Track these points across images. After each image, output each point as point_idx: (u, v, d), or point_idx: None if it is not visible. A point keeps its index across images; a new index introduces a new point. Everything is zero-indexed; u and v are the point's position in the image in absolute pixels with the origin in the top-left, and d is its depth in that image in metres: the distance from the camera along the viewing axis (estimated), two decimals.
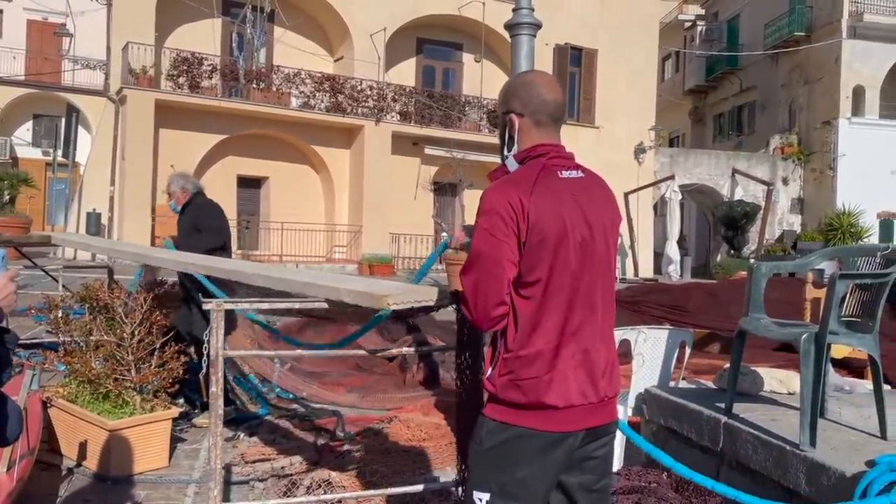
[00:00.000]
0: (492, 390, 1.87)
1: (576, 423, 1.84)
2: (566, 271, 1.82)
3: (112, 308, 4.17)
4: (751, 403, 3.62)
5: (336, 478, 3.75)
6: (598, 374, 1.87)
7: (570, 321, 1.84)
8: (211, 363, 2.47)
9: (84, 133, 19.39)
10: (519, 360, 1.83)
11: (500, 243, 1.79)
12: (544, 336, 1.82)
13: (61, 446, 4.24)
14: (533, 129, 1.94)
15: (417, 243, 21.01)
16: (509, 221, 1.79)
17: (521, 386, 1.82)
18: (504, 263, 1.80)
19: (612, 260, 1.94)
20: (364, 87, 20.49)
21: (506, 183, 1.87)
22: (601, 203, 1.93)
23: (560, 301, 1.82)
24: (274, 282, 2.64)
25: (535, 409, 1.81)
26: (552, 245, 1.80)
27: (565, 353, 1.83)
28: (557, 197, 1.84)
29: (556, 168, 1.89)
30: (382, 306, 2.25)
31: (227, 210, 19.86)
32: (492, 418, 1.87)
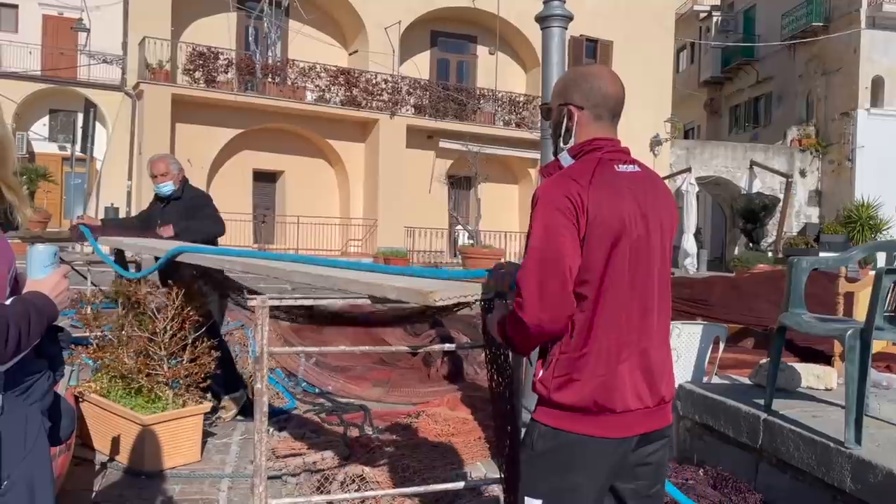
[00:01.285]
0: (544, 393, 1.82)
1: (631, 429, 1.80)
2: (623, 268, 1.77)
3: (143, 303, 4.17)
4: (789, 400, 3.58)
5: (369, 473, 3.74)
6: (654, 376, 1.83)
7: (627, 321, 1.79)
8: (256, 358, 2.46)
9: (101, 128, 19.48)
10: (575, 361, 1.78)
11: (563, 239, 1.74)
12: (601, 336, 1.77)
13: (94, 441, 4.25)
14: (592, 124, 1.89)
15: (432, 237, 21.01)
16: (569, 216, 1.74)
17: (577, 388, 1.77)
18: (568, 261, 1.74)
19: (668, 259, 1.89)
20: (379, 81, 20.48)
21: (562, 177, 1.82)
22: (658, 199, 1.88)
23: (617, 299, 1.77)
24: (314, 278, 2.62)
25: (589, 413, 1.77)
26: (610, 240, 1.76)
27: (622, 354, 1.78)
28: (615, 191, 1.79)
29: (613, 162, 1.84)
30: (429, 302, 2.23)
31: (243, 204, 19.86)
32: (543, 423, 1.83)
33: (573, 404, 1.78)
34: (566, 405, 1.78)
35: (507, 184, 23.17)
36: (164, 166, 4.95)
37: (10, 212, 1.47)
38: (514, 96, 22.61)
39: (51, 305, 1.48)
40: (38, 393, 1.49)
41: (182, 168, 5.04)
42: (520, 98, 22.72)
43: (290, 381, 5.78)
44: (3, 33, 22.04)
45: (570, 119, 1.91)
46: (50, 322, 1.48)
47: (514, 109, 22.48)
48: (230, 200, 19.44)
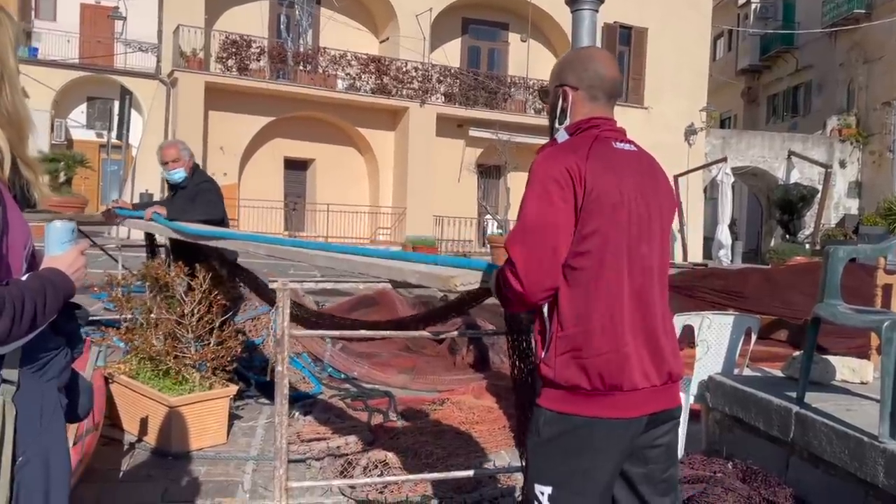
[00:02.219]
0: (549, 374, 1.77)
1: (639, 408, 1.75)
2: (623, 241, 1.74)
3: (171, 286, 4.21)
4: (822, 393, 3.48)
5: (392, 459, 3.74)
6: (660, 353, 1.79)
7: (629, 294, 1.75)
8: (276, 342, 2.46)
9: (136, 115, 19.75)
10: (576, 337, 1.73)
11: (557, 209, 1.71)
12: (602, 310, 1.73)
13: (122, 422, 4.31)
14: (587, 104, 1.87)
15: (461, 226, 20.97)
16: (566, 186, 1.71)
17: (583, 364, 1.72)
18: (560, 230, 1.71)
19: (666, 242, 1.87)
20: (409, 69, 20.44)
21: (559, 149, 1.80)
22: (656, 181, 1.87)
23: (617, 272, 1.74)
24: (337, 262, 2.61)
25: (596, 393, 1.73)
26: (608, 212, 1.72)
27: (626, 329, 1.74)
28: (613, 165, 1.77)
29: (610, 139, 1.82)
30: (450, 287, 2.20)
31: (275, 192, 20.01)
32: (548, 408, 1.79)
33: (579, 384, 1.73)
34: (572, 385, 1.74)
35: None
36: (174, 152, 4.81)
37: (27, 189, 1.46)
38: (545, 84, 22.37)
39: (67, 281, 1.48)
40: (55, 370, 1.49)
41: (193, 155, 4.90)
42: None
43: (316, 366, 5.81)
44: (43, 21, 22.46)
45: (564, 99, 1.90)
46: (66, 298, 1.48)
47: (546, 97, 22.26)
48: (261, 188, 19.65)
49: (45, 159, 16.23)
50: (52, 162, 16.34)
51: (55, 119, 20.82)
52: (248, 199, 18.89)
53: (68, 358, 1.54)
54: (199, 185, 4.79)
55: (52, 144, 19.83)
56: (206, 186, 4.83)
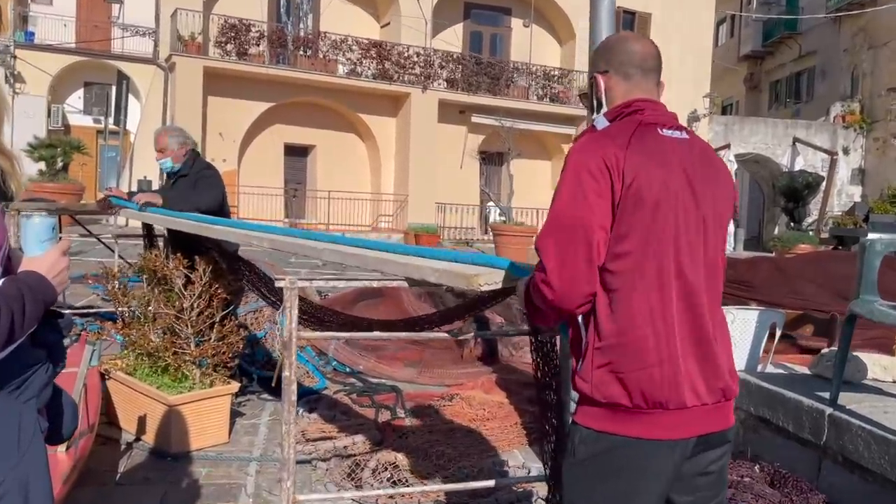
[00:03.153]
0: (585, 389, 1.59)
1: (686, 429, 1.56)
2: (666, 241, 1.54)
3: (170, 280, 4.02)
4: (855, 393, 3.31)
5: (402, 460, 3.57)
6: (713, 367, 1.59)
7: (678, 300, 1.55)
8: (283, 346, 2.28)
9: (134, 101, 19.48)
10: (615, 348, 1.54)
11: (591, 205, 1.52)
12: (645, 317, 1.53)
13: (119, 419, 4.15)
14: (622, 84, 1.68)
15: (463, 213, 20.77)
16: (601, 179, 1.52)
17: (623, 378, 1.53)
18: (596, 229, 1.52)
19: (720, 239, 1.65)
20: (411, 54, 20.16)
21: (597, 137, 1.60)
22: (711, 172, 1.64)
23: (662, 276, 1.54)
24: (347, 257, 2.43)
25: (637, 410, 1.54)
26: (650, 209, 1.52)
27: (671, 340, 1.54)
28: (658, 156, 1.56)
29: (656, 125, 1.61)
30: (473, 286, 2.02)
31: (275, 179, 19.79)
32: (584, 426, 1.60)
33: (619, 400, 1.54)
34: (610, 402, 1.55)
35: (540, 160, 22.77)
36: (162, 141, 4.59)
37: (2, 180, 1.28)
38: (548, 70, 22.13)
39: (48, 286, 1.29)
40: (35, 388, 1.31)
41: (185, 142, 4.62)
42: (554, 72, 22.23)
43: (320, 359, 5.64)
44: (39, 6, 22.07)
45: (597, 88, 1.72)
46: (47, 306, 1.29)
47: (549, 83, 22.01)
48: (261, 175, 19.42)
49: (42, 145, 16.00)
50: (49, 148, 16.10)
51: (52, 104, 20.51)
52: (248, 185, 18.68)
53: (49, 374, 1.36)
54: (199, 172, 4.60)
55: (49, 130, 19.54)
56: (206, 174, 4.64)
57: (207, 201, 4.42)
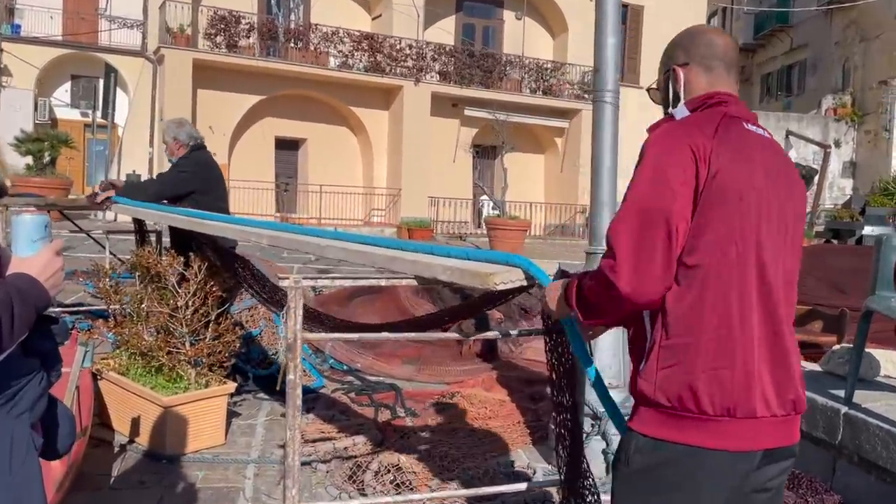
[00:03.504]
0: (647, 391, 1.48)
1: (754, 441, 1.45)
2: (748, 238, 1.45)
3: (164, 277, 3.91)
4: (868, 391, 3.24)
5: (405, 462, 3.48)
6: (787, 376, 1.49)
7: (757, 300, 1.45)
8: (288, 346, 2.17)
9: (122, 94, 19.24)
10: (687, 347, 1.44)
11: (674, 192, 1.42)
12: (717, 317, 1.43)
13: (113, 421, 4.03)
14: (703, 77, 1.59)
15: (457, 207, 20.66)
16: (686, 166, 1.42)
17: (692, 380, 1.43)
18: (676, 219, 1.42)
19: (798, 240, 1.56)
20: (403, 46, 19.98)
21: (680, 124, 1.51)
22: (790, 174, 1.57)
23: (742, 273, 1.44)
24: (353, 255, 2.32)
25: (703, 418, 1.43)
26: (733, 203, 1.43)
27: (745, 343, 1.44)
28: (744, 151, 1.47)
29: (741, 119, 1.52)
30: (489, 286, 1.92)
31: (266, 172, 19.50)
32: (642, 433, 1.50)
33: (684, 403, 1.44)
34: (674, 405, 1.44)
35: (533, 153, 22.67)
36: (163, 136, 4.69)
37: None
38: (541, 63, 22.00)
39: (41, 290, 1.18)
40: (28, 401, 1.20)
41: (178, 138, 4.57)
42: (547, 65, 22.12)
43: (316, 357, 5.53)
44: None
45: (676, 81, 1.61)
46: (40, 311, 1.18)
47: (542, 77, 21.89)
48: (252, 168, 19.23)
49: (29, 139, 15.75)
50: (36, 142, 15.85)
51: (38, 98, 20.23)
52: (239, 179, 18.48)
53: (44, 385, 1.25)
54: (176, 163, 4.58)
55: (36, 124, 19.26)
56: (178, 163, 4.57)
57: (158, 190, 4.45)
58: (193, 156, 4.57)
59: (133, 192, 4.55)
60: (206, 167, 4.57)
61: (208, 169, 4.58)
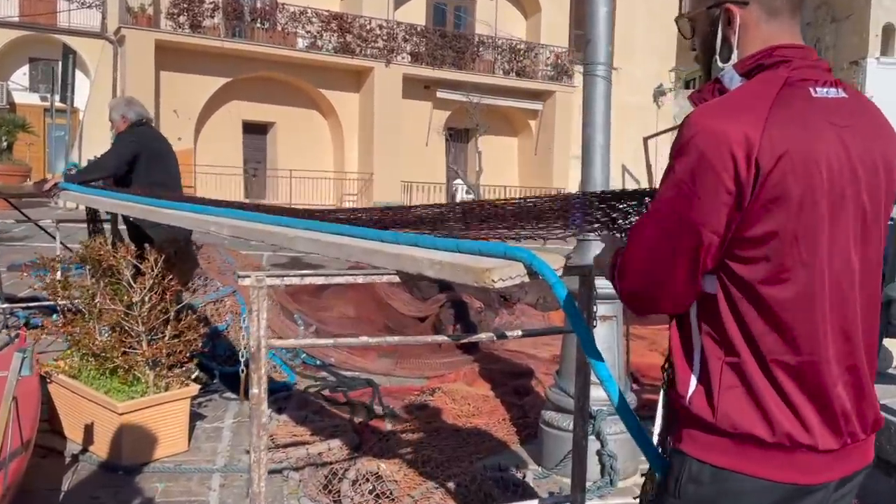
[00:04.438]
0: (704, 414, 1.22)
1: (832, 471, 1.22)
2: (818, 238, 1.17)
3: (117, 271, 3.56)
4: (883, 384, 3.03)
5: (385, 470, 3.20)
6: (865, 399, 1.25)
7: (828, 319, 1.20)
8: (251, 356, 1.88)
9: (83, 77, 18.55)
10: (751, 368, 1.19)
11: (706, 204, 1.15)
12: (796, 332, 1.18)
13: (64, 428, 3.69)
14: (763, 24, 1.25)
15: (430, 191, 20.34)
16: (724, 171, 1.13)
17: (758, 409, 1.19)
18: (703, 233, 1.16)
19: (882, 228, 1.26)
20: (373, 27, 19.53)
21: (725, 107, 1.19)
22: (879, 140, 1.24)
23: (808, 287, 1.18)
24: (326, 247, 2.02)
25: (776, 448, 1.19)
26: (795, 204, 1.14)
27: (826, 365, 1.20)
28: (810, 129, 1.16)
29: (807, 83, 1.20)
30: (484, 282, 1.64)
31: (233, 157, 19.00)
32: (700, 459, 1.24)
33: (754, 431, 1.19)
34: (742, 432, 1.19)
35: (506, 136, 22.41)
36: (109, 115, 4.55)
37: None
38: (514, 44, 21.69)
39: None
40: None
41: (126, 115, 4.48)
42: (520, 46, 21.81)
43: (288, 352, 5.21)
44: None
45: (728, 23, 1.28)
46: None
47: (515, 58, 21.58)
48: (219, 153, 18.70)
49: None
50: None
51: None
52: (205, 165, 17.97)
53: None
54: (116, 140, 4.50)
55: None
56: (116, 139, 4.51)
57: (102, 168, 4.33)
58: (135, 130, 4.44)
59: (81, 175, 4.24)
60: (149, 138, 4.47)
61: (152, 139, 4.48)
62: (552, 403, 3.51)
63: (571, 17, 22.42)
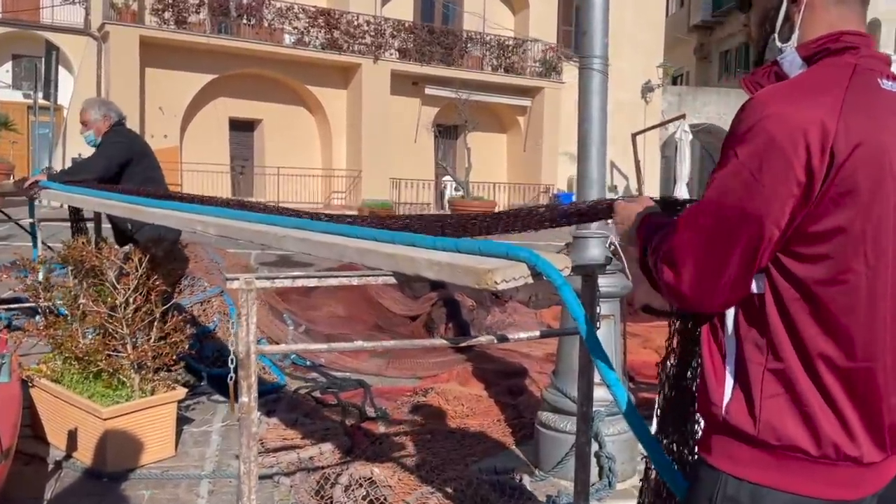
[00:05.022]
0: (744, 425, 1.15)
1: (871, 484, 1.15)
2: (887, 239, 1.10)
3: (101, 271, 3.46)
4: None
5: (379, 474, 3.12)
6: None
7: (888, 325, 1.12)
8: (240, 363, 1.79)
9: (67, 74, 18.29)
10: (796, 375, 1.12)
11: (770, 193, 1.06)
12: (849, 339, 1.11)
13: (47, 433, 3.59)
14: (832, 6, 1.18)
15: (419, 188, 20.25)
16: (796, 159, 1.05)
17: (812, 415, 1.11)
18: (769, 229, 1.08)
19: None
20: (361, 23, 19.38)
21: (798, 90, 1.10)
22: None
23: (872, 287, 1.10)
24: (317, 247, 1.94)
25: (822, 462, 1.12)
26: (866, 199, 1.07)
27: (882, 374, 1.13)
28: (880, 121, 1.08)
29: (874, 73, 1.13)
30: (486, 284, 1.56)
31: (220, 155, 18.79)
32: (737, 476, 1.16)
33: (798, 443, 1.11)
34: (786, 445, 1.12)
35: (495, 132, 22.33)
36: (83, 115, 4.39)
37: None
38: (502, 40, 21.60)
39: None
40: None
41: (108, 115, 4.37)
42: (509, 42, 21.73)
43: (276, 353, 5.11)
44: None
45: (794, 1, 1.20)
46: None
47: (503, 54, 21.50)
48: (205, 151, 18.51)
49: None
50: None
51: None
52: (191, 162, 17.78)
53: None
54: (103, 141, 4.32)
55: None
56: (105, 141, 4.33)
57: (89, 170, 4.21)
58: (117, 129, 4.35)
59: (66, 175, 4.14)
60: (133, 138, 4.44)
61: (136, 139, 4.46)
62: (548, 404, 3.44)
63: (559, 12, 22.37)
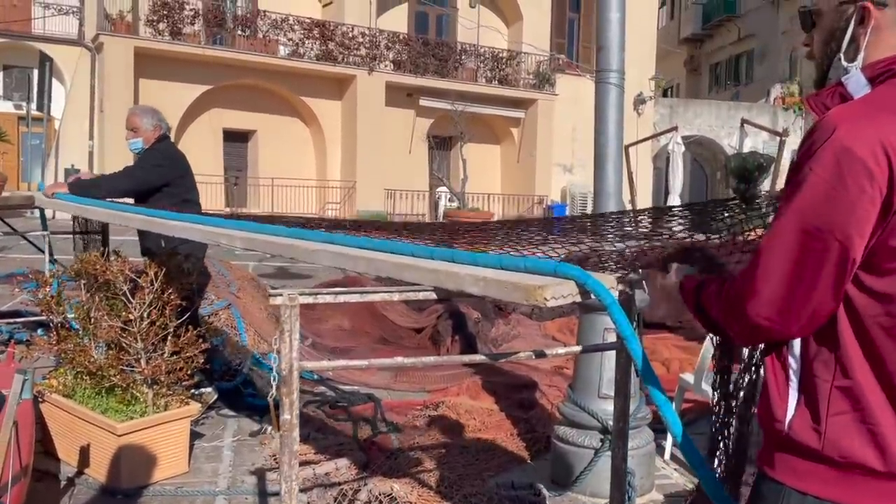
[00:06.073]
0: (810, 441, 1.14)
1: None
2: None
3: (114, 285, 3.42)
4: None
5: (399, 490, 3.10)
6: None
7: None
8: (282, 380, 1.77)
9: (59, 85, 18.21)
10: (864, 393, 1.12)
11: (854, 206, 1.06)
12: None
13: (58, 449, 3.54)
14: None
15: (414, 199, 20.25)
16: (877, 167, 1.05)
17: (878, 433, 1.10)
18: (855, 241, 1.08)
19: None
20: (356, 34, 19.42)
21: (870, 107, 1.11)
22: None
23: None
24: (355, 262, 1.93)
25: (888, 478, 1.11)
26: None
27: None
28: None
29: None
30: (536, 301, 1.55)
31: (214, 166, 18.74)
32: (801, 490, 1.16)
33: (866, 461, 1.11)
34: (853, 462, 1.12)
35: (489, 144, 22.39)
36: (134, 120, 4.30)
37: None
38: (496, 52, 21.70)
39: None
40: None
41: (159, 125, 4.33)
42: (502, 54, 21.83)
43: None
44: None
45: (863, 21, 1.20)
46: None
47: (497, 66, 21.59)
48: (199, 162, 18.37)
49: None
50: None
51: None
52: None
53: None
54: (144, 155, 4.22)
55: None
56: (145, 154, 4.25)
57: (122, 188, 4.08)
58: (162, 147, 4.27)
59: (92, 190, 4.03)
60: (175, 160, 4.29)
61: (177, 162, 4.29)
62: (566, 418, 3.43)
63: (552, 24, 22.51)
